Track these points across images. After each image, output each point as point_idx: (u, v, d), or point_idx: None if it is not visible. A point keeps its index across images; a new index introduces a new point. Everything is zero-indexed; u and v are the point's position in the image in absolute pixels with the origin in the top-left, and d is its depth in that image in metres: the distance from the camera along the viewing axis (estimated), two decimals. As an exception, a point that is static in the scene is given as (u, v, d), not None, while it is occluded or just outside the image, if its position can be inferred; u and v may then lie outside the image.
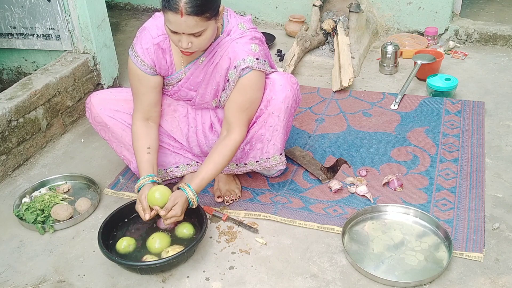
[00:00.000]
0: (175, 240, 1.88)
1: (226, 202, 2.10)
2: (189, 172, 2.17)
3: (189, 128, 2.11)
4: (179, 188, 1.84)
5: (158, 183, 1.87)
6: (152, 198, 1.80)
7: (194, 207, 1.84)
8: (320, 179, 2.21)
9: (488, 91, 2.89)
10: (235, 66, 1.83)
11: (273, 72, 1.95)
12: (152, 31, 1.88)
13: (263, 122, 1.94)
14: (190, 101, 2.06)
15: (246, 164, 2.08)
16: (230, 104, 1.88)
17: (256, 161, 2.05)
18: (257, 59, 1.83)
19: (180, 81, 1.98)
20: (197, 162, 2.18)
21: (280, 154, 2.05)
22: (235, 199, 2.12)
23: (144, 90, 1.94)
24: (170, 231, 1.91)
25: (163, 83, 2.02)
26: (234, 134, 1.87)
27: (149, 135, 1.96)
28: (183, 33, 1.68)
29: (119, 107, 2.06)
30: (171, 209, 1.78)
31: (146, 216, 1.79)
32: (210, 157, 1.88)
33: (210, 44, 1.84)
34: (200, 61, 1.91)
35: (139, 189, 1.86)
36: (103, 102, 2.05)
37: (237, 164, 2.09)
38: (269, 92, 1.91)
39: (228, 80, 1.88)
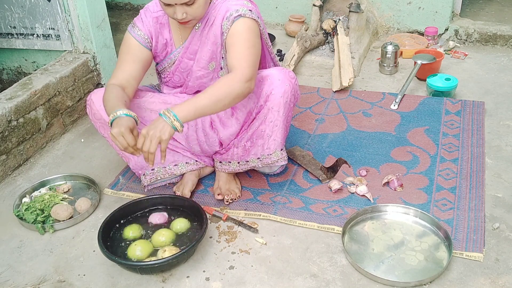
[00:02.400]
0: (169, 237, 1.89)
1: (226, 201, 2.10)
2: (188, 171, 2.17)
3: (188, 127, 2.11)
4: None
5: (136, 121, 1.75)
6: (158, 241, 1.86)
7: (178, 130, 1.69)
8: (320, 179, 2.21)
9: (488, 91, 2.89)
10: (226, 17, 1.86)
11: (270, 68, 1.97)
12: (152, 7, 1.98)
13: (263, 117, 1.95)
14: (185, 81, 2.06)
15: (247, 161, 2.08)
16: (230, 50, 1.85)
17: (258, 158, 2.05)
18: (250, 10, 1.86)
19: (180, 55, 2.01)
20: (196, 160, 2.18)
21: (281, 150, 2.05)
22: (235, 199, 2.12)
23: (130, 59, 1.96)
24: (166, 226, 1.94)
25: (164, 66, 2.04)
26: (235, 72, 1.78)
27: (124, 95, 1.87)
28: (176, 4, 1.73)
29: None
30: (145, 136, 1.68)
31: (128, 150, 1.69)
32: (206, 89, 1.79)
33: None
34: (196, 28, 1.94)
35: (113, 119, 1.71)
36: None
37: (238, 162, 2.09)
38: (268, 87, 1.92)
39: (222, 33, 1.90)
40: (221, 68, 2.02)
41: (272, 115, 1.94)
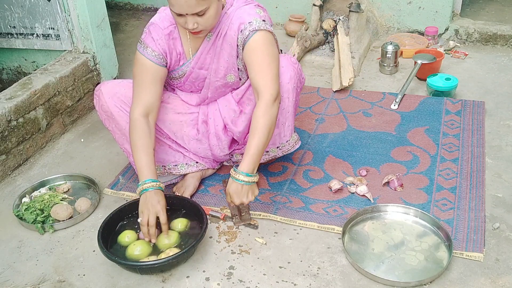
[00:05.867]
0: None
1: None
2: (188, 173, 2.17)
3: (199, 132, 2.10)
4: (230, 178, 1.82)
5: (162, 190, 1.85)
6: (162, 243, 1.84)
7: (255, 181, 1.80)
8: (234, 221, 2.02)
9: (488, 91, 2.89)
10: (241, 30, 1.84)
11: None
12: (161, 23, 1.90)
13: None
14: (201, 89, 2.03)
15: (267, 151, 2.09)
16: (251, 67, 1.85)
17: (277, 147, 2.08)
18: (264, 20, 1.85)
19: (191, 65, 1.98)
20: (196, 162, 2.17)
21: (294, 132, 2.09)
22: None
23: (150, 81, 1.91)
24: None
25: (173, 76, 2.01)
26: (262, 94, 1.80)
27: (152, 135, 1.91)
28: (187, 14, 1.70)
29: (127, 100, 2.02)
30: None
31: (143, 229, 1.81)
32: (251, 129, 1.82)
33: None
34: (208, 38, 1.92)
35: (142, 192, 1.82)
36: (112, 92, 2.02)
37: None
38: None
39: (238, 46, 1.89)
40: (240, 79, 2.01)
41: (283, 102, 1.94)
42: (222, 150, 2.14)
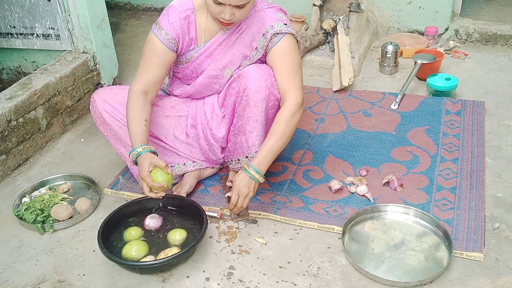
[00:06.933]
0: (165, 246, 1.85)
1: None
2: (185, 172, 2.17)
3: (188, 137, 2.12)
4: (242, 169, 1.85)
5: (154, 153, 1.84)
6: (154, 178, 1.78)
7: (260, 181, 1.84)
8: (231, 217, 2.04)
9: (488, 91, 2.89)
10: (263, 34, 1.87)
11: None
12: (179, 7, 1.93)
13: (242, 112, 1.95)
14: (196, 77, 2.04)
15: (239, 160, 2.08)
16: (278, 72, 1.89)
17: (246, 157, 2.04)
18: (285, 24, 1.88)
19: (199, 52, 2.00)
20: (193, 162, 2.17)
21: None
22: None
23: (157, 63, 1.94)
24: (162, 236, 1.90)
25: (180, 61, 2.02)
26: (289, 99, 1.87)
27: (146, 108, 1.93)
28: (229, 4, 1.72)
29: (117, 106, 2.06)
30: (238, 196, 1.83)
31: (151, 194, 1.79)
32: (271, 130, 1.86)
33: None
34: (224, 31, 1.94)
35: (136, 158, 1.82)
36: (104, 98, 2.07)
37: (234, 161, 2.10)
38: (245, 82, 1.90)
39: (256, 48, 1.91)
40: (231, 76, 2.02)
41: (251, 110, 1.92)
42: (215, 154, 2.14)
